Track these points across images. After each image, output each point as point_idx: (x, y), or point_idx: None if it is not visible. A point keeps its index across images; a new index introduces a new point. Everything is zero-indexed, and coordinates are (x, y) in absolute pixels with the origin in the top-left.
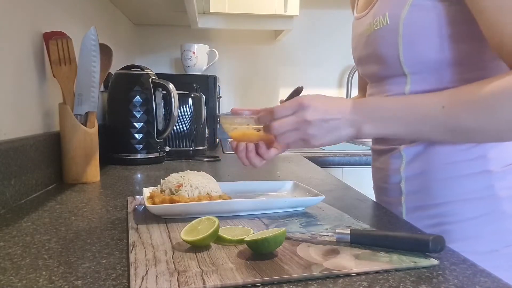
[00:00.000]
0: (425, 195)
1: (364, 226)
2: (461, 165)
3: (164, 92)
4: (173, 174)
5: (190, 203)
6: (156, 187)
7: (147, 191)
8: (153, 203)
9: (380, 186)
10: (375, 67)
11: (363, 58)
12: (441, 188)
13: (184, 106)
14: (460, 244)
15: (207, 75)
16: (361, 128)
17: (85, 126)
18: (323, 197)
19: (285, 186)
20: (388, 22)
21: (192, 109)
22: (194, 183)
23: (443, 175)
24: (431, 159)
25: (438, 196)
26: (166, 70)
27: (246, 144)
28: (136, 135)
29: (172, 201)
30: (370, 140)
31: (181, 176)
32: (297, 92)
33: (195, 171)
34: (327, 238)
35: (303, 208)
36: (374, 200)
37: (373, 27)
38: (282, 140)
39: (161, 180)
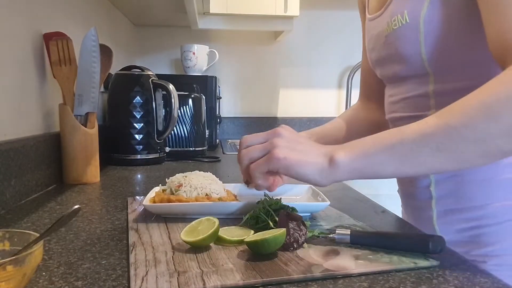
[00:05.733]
0: (458, 198)
1: (364, 226)
2: (501, 167)
3: (164, 92)
4: (178, 174)
5: (179, 203)
6: (164, 186)
7: (155, 190)
8: (154, 202)
9: (406, 189)
10: (397, 67)
11: (382, 59)
12: (477, 190)
13: (184, 107)
14: (498, 246)
15: (207, 75)
16: (334, 156)
17: (85, 126)
18: (328, 203)
19: (299, 190)
20: (408, 20)
21: (192, 110)
22: (194, 184)
23: (479, 177)
24: None
25: (474, 199)
26: (166, 70)
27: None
28: (136, 136)
29: (169, 200)
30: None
31: (184, 176)
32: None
33: (201, 172)
34: (327, 239)
35: (309, 214)
36: (399, 204)
37: (391, 27)
38: (253, 170)
39: (166, 179)
